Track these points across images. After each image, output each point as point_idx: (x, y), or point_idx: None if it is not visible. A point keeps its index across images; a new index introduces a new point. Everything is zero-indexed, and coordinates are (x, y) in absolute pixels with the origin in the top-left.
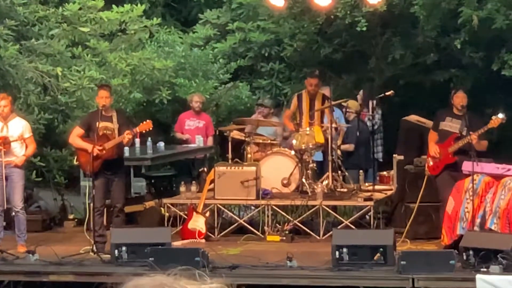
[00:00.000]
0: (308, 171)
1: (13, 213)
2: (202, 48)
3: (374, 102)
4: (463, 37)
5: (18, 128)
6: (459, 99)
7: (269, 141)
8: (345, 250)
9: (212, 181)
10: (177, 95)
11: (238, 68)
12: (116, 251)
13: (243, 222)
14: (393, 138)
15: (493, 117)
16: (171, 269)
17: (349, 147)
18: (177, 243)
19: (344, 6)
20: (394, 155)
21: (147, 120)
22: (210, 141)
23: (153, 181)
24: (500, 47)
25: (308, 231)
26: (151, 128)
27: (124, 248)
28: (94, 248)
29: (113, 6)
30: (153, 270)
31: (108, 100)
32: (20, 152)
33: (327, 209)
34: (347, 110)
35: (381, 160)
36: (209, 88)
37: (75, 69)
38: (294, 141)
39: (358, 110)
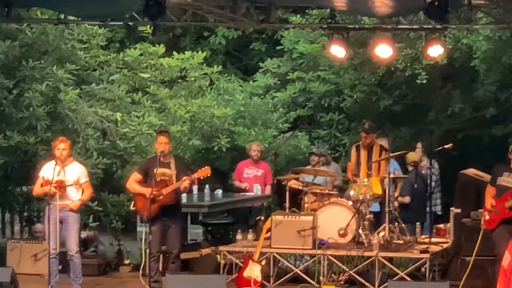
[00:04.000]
0: (365, 222)
1: (69, 257)
2: (262, 96)
3: (432, 155)
4: None
5: (75, 173)
6: None
7: (326, 191)
8: None
9: (269, 230)
10: (236, 143)
11: (298, 117)
12: None
13: (298, 272)
14: (451, 191)
15: None
16: None
17: (406, 199)
18: None
19: (404, 58)
20: (451, 208)
21: (206, 166)
22: (268, 190)
23: (210, 228)
24: None
25: (364, 282)
26: (209, 175)
27: None
28: None
29: (174, 52)
30: None
31: (167, 147)
32: (75, 196)
33: (383, 260)
34: (406, 162)
35: (439, 213)
36: (268, 137)
37: (135, 114)
38: (351, 192)
39: (416, 162)
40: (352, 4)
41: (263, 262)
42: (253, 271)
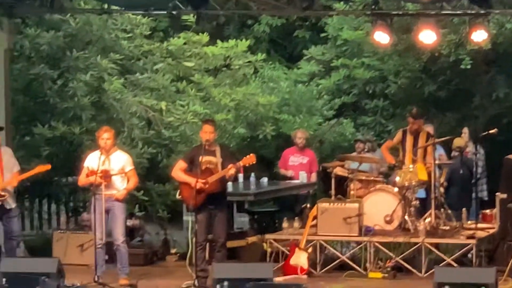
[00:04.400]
0: (411, 208)
1: (115, 247)
2: (307, 84)
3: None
4: None
5: (120, 161)
6: None
7: (372, 177)
8: (447, 287)
9: (315, 217)
10: (281, 131)
11: (342, 104)
12: (217, 286)
13: (345, 259)
14: (497, 177)
15: None
16: None
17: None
18: (279, 279)
19: (448, 44)
20: (497, 194)
21: (251, 154)
22: (313, 177)
23: (255, 216)
24: None
25: (410, 268)
26: (254, 162)
27: (226, 283)
28: (196, 282)
29: (218, 41)
30: None
31: (212, 135)
32: (121, 185)
33: (430, 246)
34: (451, 148)
35: (485, 198)
36: (313, 124)
37: (179, 103)
38: (397, 178)
39: (461, 148)
40: None
41: (310, 250)
42: (300, 259)
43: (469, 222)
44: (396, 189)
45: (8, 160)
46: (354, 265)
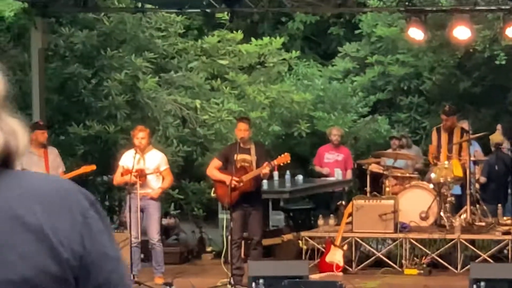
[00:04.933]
0: (446, 205)
1: (150, 246)
2: (341, 81)
3: None
4: None
5: (155, 160)
6: None
7: (407, 174)
8: (482, 284)
9: (350, 214)
10: (316, 128)
11: (377, 101)
12: (253, 284)
13: (380, 255)
14: None
15: None
16: None
17: (481, 179)
18: (315, 276)
19: (483, 40)
20: None
21: (285, 153)
22: (349, 174)
23: (291, 214)
24: None
25: (446, 264)
26: (289, 161)
27: (261, 281)
28: (232, 280)
29: (252, 39)
30: None
31: (247, 133)
32: (156, 184)
33: (465, 242)
34: (490, 144)
35: None
36: (348, 121)
37: (214, 101)
38: (432, 175)
39: (499, 144)
40: None
41: (345, 247)
42: (335, 256)
43: (504, 218)
44: (431, 186)
45: (53, 160)
46: (390, 262)
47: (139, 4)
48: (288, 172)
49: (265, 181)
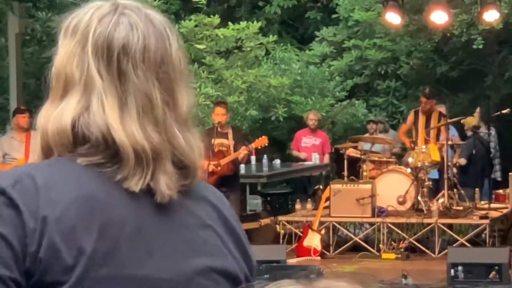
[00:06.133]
0: (423, 189)
1: None
2: (318, 65)
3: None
4: None
5: None
6: None
7: (384, 158)
8: (460, 268)
9: (328, 199)
10: (293, 113)
11: (354, 85)
12: None
13: (358, 240)
14: (510, 156)
15: None
16: None
17: (461, 161)
18: (292, 261)
19: (460, 24)
20: (510, 173)
21: (263, 136)
22: (326, 159)
23: (268, 198)
24: None
25: (424, 249)
26: (266, 144)
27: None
28: None
29: (229, 23)
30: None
31: (224, 117)
32: None
33: (443, 227)
34: (465, 127)
35: (499, 179)
36: (325, 105)
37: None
38: (410, 159)
39: (475, 127)
40: None
41: (323, 231)
42: (313, 240)
43: (482, 202)
44: (409, 170)
45: (35, 145)
46: (367, 246)
47: None
48: (265, 156)
49: (242, 165)
